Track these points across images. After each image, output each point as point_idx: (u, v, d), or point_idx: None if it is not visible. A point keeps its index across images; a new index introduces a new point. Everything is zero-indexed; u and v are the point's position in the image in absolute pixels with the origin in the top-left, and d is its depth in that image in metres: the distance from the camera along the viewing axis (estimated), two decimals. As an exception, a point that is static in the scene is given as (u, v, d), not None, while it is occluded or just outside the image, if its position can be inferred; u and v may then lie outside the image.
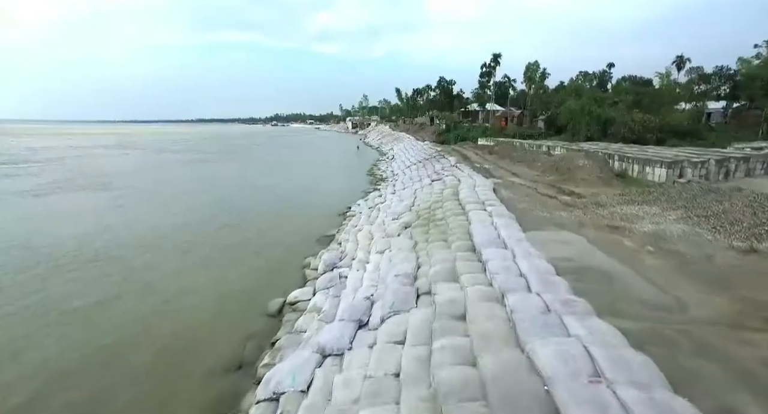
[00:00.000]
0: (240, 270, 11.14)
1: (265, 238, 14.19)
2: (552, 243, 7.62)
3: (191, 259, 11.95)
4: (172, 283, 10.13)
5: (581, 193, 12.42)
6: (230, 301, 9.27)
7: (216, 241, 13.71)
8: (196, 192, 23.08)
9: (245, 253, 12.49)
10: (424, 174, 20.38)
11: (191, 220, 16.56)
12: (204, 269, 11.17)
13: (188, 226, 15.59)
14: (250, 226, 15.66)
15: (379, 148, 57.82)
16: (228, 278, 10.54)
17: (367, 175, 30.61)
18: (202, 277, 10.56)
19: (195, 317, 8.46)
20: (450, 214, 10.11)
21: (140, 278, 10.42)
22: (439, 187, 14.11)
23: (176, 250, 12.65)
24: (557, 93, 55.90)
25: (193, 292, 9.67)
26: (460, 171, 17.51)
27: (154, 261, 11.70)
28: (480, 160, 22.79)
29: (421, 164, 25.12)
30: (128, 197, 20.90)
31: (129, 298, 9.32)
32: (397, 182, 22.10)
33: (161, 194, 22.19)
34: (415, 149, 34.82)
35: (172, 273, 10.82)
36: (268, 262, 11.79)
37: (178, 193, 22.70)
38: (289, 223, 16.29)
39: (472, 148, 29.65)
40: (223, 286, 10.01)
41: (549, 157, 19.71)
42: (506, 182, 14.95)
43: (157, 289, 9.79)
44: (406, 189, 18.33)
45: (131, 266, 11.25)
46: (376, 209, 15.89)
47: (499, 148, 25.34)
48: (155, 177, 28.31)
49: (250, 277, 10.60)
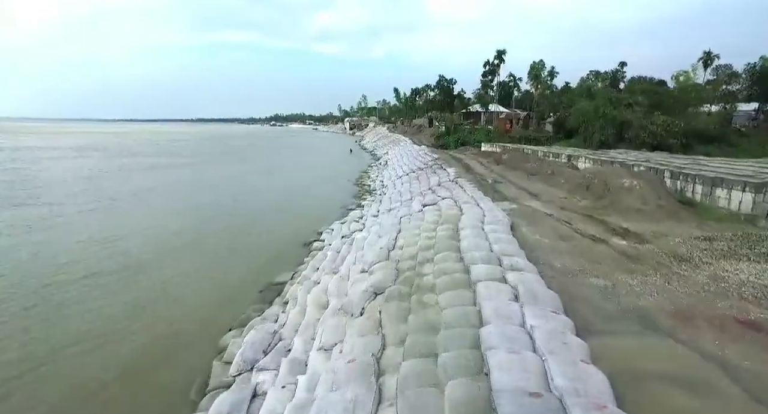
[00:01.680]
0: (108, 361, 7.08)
1: (182, 292, 10.09)
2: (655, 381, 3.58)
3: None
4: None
5: (640, 233, 8.39)
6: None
7: (92, 306, 9.15)
8: (126, 210, 18.54)
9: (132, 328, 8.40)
10: (416, 190, 16.34)
11: (67, 259, 11.78)
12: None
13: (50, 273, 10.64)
14: (166, 271, 11.30)
15: (374, 151, 53.87)
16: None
17: (354, 185, 26.62)
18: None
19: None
20: (446, 281, 6.08)
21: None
22: (433, 218, 10.06)
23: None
24: (564, 93, 51.96)
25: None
26: (462, 190, 13.48)
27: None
28: (485, 171, 18.77)
29: (414, 175, 21.08)
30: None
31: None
32: (384, 198, 18.07)
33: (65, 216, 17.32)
34: (411, 155, 30.77)
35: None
36: (168, 342, 7.73)
37: (98, 208, 18.54)
38: (233, 260, 12.25)
39: (475, 156, 25.62)
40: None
41: (574, 170, 15.70)
42: (524, 209, 10.92)
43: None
44: (391, 210, 14.31)
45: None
46: (349, 241, 11.89)
47: (508, 157, 21.30)
48: (95, 188, 23.83)
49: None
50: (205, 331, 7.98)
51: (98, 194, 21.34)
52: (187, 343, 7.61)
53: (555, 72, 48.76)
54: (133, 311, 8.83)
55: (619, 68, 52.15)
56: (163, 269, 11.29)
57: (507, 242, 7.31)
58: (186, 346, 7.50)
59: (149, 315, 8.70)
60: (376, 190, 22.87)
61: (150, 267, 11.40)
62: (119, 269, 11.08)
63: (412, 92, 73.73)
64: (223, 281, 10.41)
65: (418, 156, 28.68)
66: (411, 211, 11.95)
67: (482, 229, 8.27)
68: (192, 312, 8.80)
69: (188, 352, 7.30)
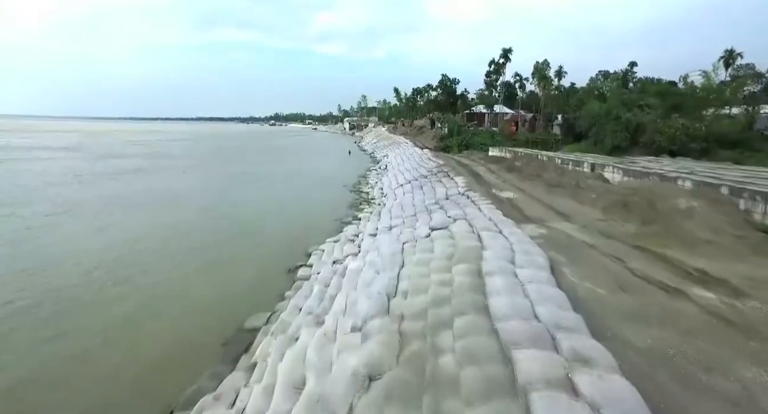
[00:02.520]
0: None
1: (115, 352, 7.82)
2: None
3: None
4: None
5: (725, 278, 6.26)
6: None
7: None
8: (69, 229, 15.23)
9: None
10: (420, 203, 14.20)
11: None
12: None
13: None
14: (93, 322, 8.79)
15: (373, 153, 51.75)
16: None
17: (351, 192, 24.47)
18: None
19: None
20: (476, 379, 3.95)
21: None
22: (445, 251, 7.91)
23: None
24: (569, 95, 49.87)
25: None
26: (476, 208, 11.34)
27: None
28: (498, 181, 16.63)
29: (417, 184, 18.92)
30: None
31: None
32: (383, 210, 15.93)
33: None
34: (412, 160, 28.62)
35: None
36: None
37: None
38: (196, 295, 10.06)
39: (484, 162, 23.47)
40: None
41: (604, 183, 13.57)
42: (558, 236, 8.78)
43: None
44: (392, 229, 12.17)
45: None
46: (341, 272, 9.77)
47: (521, 164, 19.16)
48: (50, 196, 20.78)
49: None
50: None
51: (47, 205, 18.67)
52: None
53: (563, 72, 46.60)
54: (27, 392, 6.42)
55: (629, 68, 50.04)
56: (90, 318, 8.59)
57: (557, 303, 5.16)
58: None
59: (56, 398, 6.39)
60: (375, 199, 20.73)
61: (70, 315, 8.66)
62: (26, 318, 8.72)
63: (414, 92, 71.66)
64: (177, 331, 8.18)
65: (421, 161, 26.53)
66: (415, 236, 9.79)
67: (515, 274, 6.12)
68: (125, 383, 6.61)
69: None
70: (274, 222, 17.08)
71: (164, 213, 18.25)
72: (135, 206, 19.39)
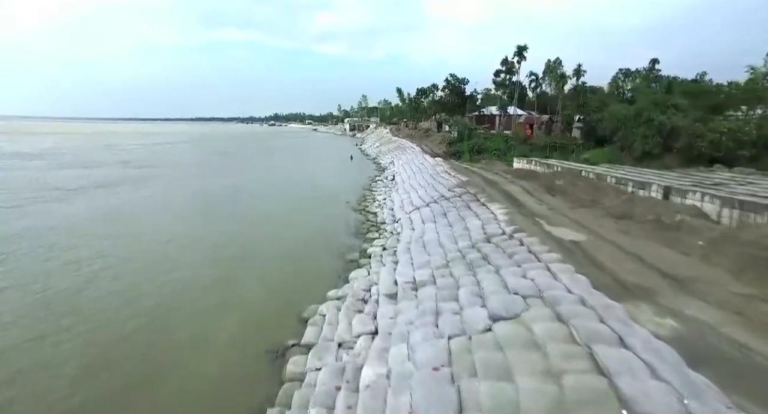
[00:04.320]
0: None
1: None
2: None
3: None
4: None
5: None
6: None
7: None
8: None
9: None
10: (452, 249, 10.63)
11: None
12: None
13: None
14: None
15: (377, 158, 48.24)
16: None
17: (355, 211, 20.97)
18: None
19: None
20: None
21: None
22: (536, 387, 4.42)
23: None
24: (581, 95, 46.24)
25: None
26: (543, 267, 7.81)
27: None
28: (543, 209, 13.11)
29: (438, 210, 15.38)
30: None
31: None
32: (400, 250, 12.44)
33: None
34: (425, 172, 25.04)
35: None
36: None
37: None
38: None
39: (511, 176, 19.95)
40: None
41: (705, 221, 10.07)
42: (714, 347, 5.29)
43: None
44: (420, 292, 8.71)
45: None
46: (352, 377, 6.32)
47: (564, 184, 15.65)
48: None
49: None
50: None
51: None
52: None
53: (582, 70, 42.96)
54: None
55: (650, 66, 46.39)
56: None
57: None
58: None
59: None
60: (386, 224, 17.24)
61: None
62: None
63: (418, 92, 67.89)
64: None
65: (436, 174, 22.96)
66: (466, 327, 6.28)
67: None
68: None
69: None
70: (257, 265, 13.18)
71: (103, 258, 13.16)
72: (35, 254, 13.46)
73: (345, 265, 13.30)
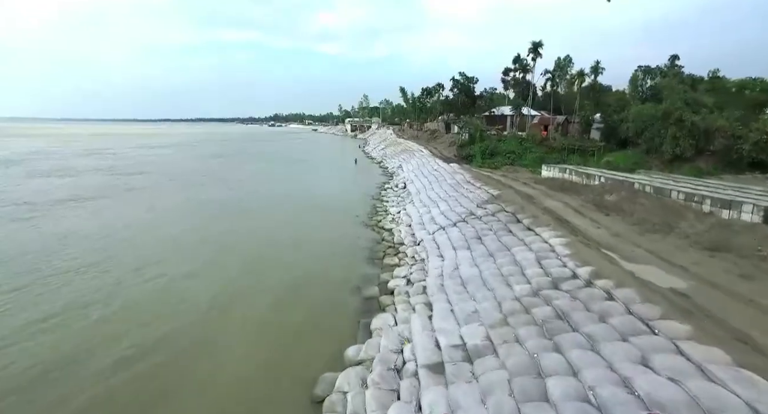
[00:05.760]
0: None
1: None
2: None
3: None
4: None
5: None
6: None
7: None
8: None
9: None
10: (507, 298, 8.10)
11: None
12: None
13: None
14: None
15: (383, 162, 45.69)
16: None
17: (366, 228, 18.38)
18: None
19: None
20: None
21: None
22: None
23: None
24: (599, 94, 43.80)
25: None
26: (675, 349, 5.34)
27: None
28: (606, 235, 10.64)
29: (470, 232, 12.86)
30: None
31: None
32: (431, 288, 9.99)
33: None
34: (442, 181, 22.46)
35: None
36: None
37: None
38: None
39: (545, 188, 17.45)
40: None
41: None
42: None
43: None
44: (476, 365, 6.29)
45: None
46: None
47: (620, 201, 13.14)
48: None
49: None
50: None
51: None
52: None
53: (600, 68, 40.45)
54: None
55: (671, 63, 43.88)
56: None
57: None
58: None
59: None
60: (405, 245, 14.78)
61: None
62: None
63: (423, 92, 65.38)
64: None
65: (457, 185, 20.38)
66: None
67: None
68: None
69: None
70: (249, 310, 10.56)
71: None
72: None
73: (362, 304, 10.83)
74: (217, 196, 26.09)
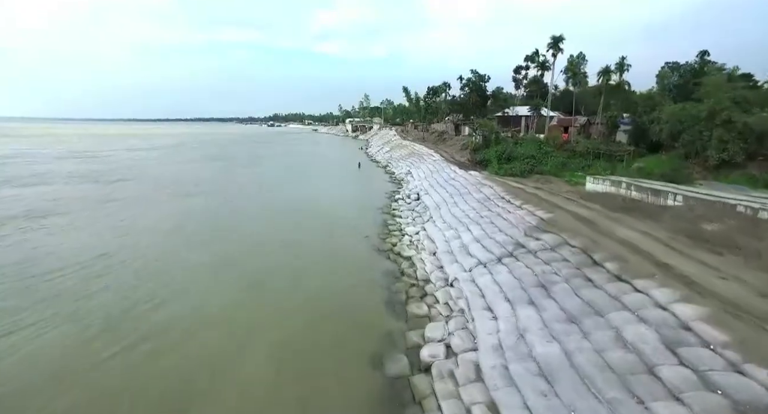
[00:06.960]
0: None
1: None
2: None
3: None
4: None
5: None
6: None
7: None
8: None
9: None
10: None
11: None
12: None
13: None
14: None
15: (388, 166, 42.27)
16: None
17: (379, 253, 15.00)
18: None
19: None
20: None
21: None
22: None
23: None
24: (616, 92, 40.44)
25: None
26: None
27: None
28: (745, 297, 7.29)
29: (525, 272, 9.49)
30: None
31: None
32: (486, 372, 6.68)
33: None
34: (467, 195, 18.88)
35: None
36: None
37: None
38: None
39: (603, 208, 14.02)
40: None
41: None
42: None
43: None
44: None
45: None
46: None
47: (728, 231, 9.78)
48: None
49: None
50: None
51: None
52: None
53: (626, 64, 37.01)
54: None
55: (700, 59, 40.41)
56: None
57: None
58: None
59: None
60: (431, 282, 11.40)
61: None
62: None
63: (429, 91, 61.92)
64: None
65: (486, 200, 16.85)
66: None
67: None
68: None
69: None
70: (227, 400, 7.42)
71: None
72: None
73: (389, 389, 7.47)
74: (202, 211, 22.54)
